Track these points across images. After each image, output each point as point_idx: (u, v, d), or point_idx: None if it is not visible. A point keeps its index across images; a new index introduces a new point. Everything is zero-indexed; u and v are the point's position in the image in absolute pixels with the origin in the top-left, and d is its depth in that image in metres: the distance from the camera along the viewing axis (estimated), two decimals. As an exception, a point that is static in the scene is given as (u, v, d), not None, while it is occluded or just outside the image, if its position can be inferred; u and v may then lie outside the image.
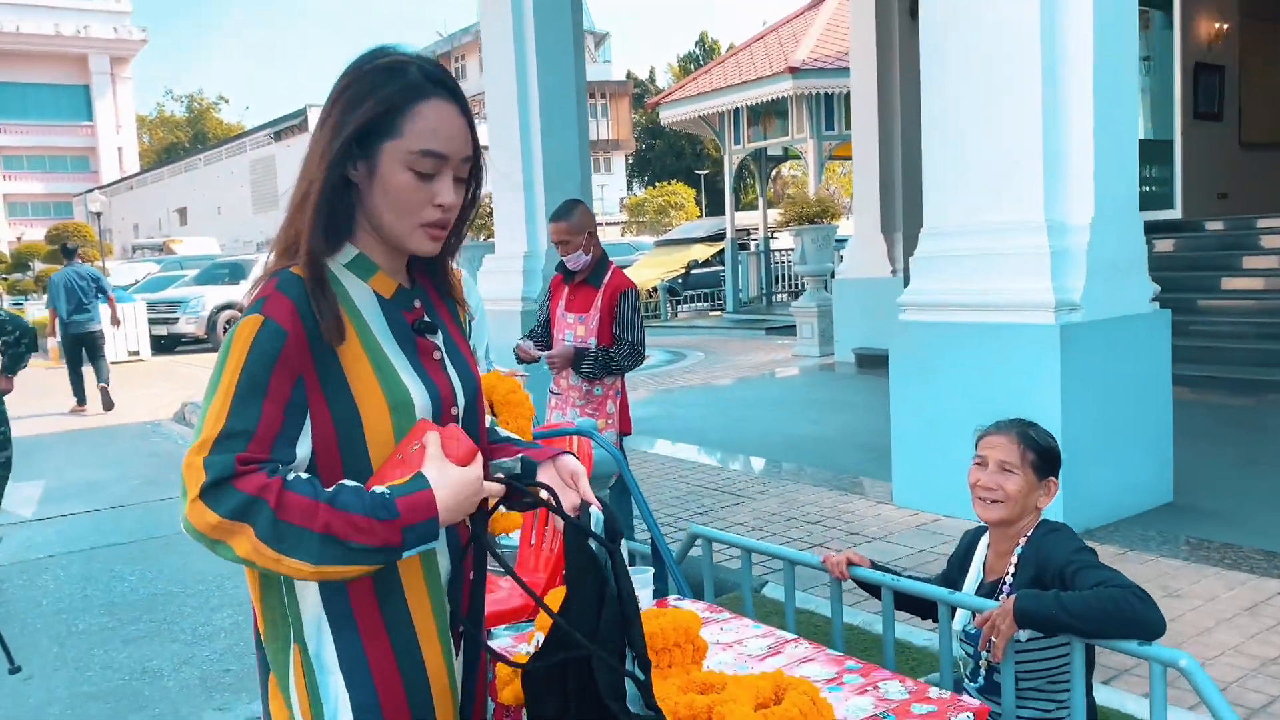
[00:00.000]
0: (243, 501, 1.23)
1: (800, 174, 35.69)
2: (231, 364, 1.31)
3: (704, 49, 56.71)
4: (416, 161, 1.37)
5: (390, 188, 1.38)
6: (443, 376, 1.49)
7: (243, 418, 1.28)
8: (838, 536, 5.06)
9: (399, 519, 1.26)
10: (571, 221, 4.36)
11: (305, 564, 1.24)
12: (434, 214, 1.41)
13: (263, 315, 1.32)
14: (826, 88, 15.25)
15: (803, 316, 12.16)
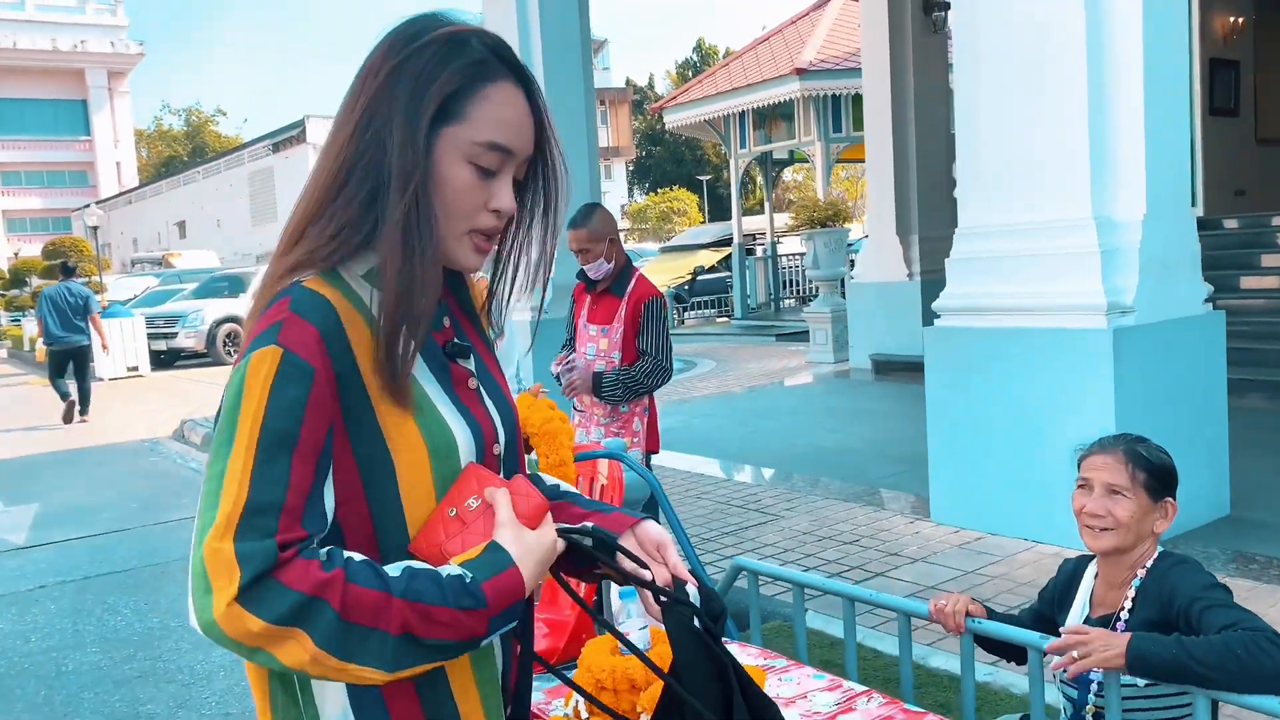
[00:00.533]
0: (297, 603, 0.96)
1: (803, 178, 35.45)
2: (248, 413, 1.02)
3: (701, 55, 56.53)
4: (480, 155, 1.14)
5: (445, 183, 1.13)
6: (481, 410, 1.22)
7: (270, 485, 1.00)
8: (876, 558, 4.75)
9: (487, 609, 1.04)
10: (591, 228, 4.02)
11: (378, 671, 1.00)
12: (487, 220, 1.17)
13: (280, 347, 1.04)
14: (834, 89, 14.97)
15: (816, 322, 11.87)
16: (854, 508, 5.60)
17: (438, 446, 1.12)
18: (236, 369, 1.05)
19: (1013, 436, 4.78)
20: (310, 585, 0.96)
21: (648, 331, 4.04)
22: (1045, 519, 4.66)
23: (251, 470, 0.99)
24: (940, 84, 10.75)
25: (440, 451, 1.13)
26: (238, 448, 1.01)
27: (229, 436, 1.01)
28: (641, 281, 4.12)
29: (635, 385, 4.00)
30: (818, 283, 12.15)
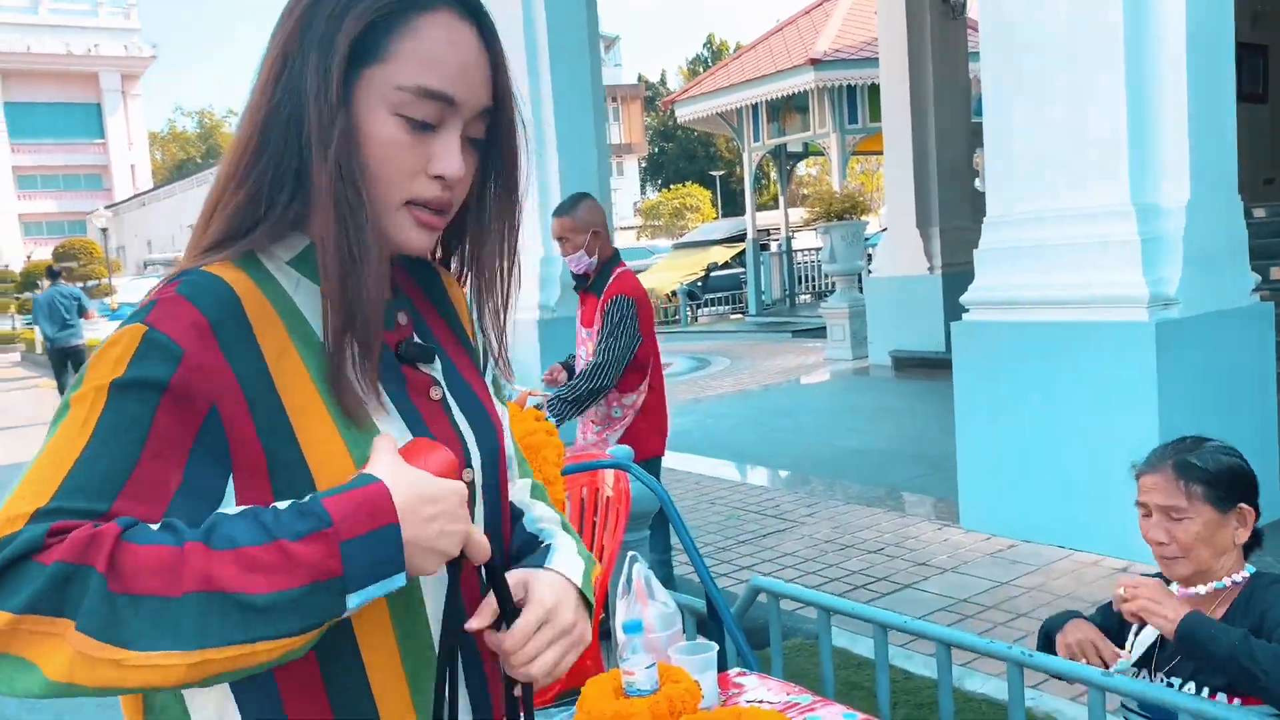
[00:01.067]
0: (51, 579, 0.70)
1: (817, 171, 35.10)
2: (85, 393, 0.81)
3: (712, 50, 56.17)
4: (408, 103, 0.90)
5: (366, 141, 0.90)
6: (445, 426, 1.00)
7: (91, 473, 0.77)
8: (903, 568, 4.48)
9: (331, 528, 0.76)
10: (575, 216, 3.76)
11: (173, 654, 0.71)
12: (428, 188, 0.93)
13: (145, 324, 0.83)
14: (850, 79, 14.66)
15: (833, 318, 11.57)
16: (877, 513, 5.32)
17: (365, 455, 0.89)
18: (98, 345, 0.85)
19: (1048, 437, 4.50)
20: (69, 552, 0.71)
21: (604, 331, 3.73)
22: (1084, 525, 4.38)
23: (75, 458, 0.77)
24: (960, 71, 10.44)
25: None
26: (60, 436, 0.79)
27: (57, 417, 0.81)
28: (618, 279, 3.82)
29: (576, 400, 3.69)
30: (835, 277, 11.85)
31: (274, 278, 0.92)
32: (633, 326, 3.74)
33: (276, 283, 0.92)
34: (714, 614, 2.69)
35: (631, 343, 3.74)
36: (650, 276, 20.62)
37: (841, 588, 4.28)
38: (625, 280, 3.84)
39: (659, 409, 3.99)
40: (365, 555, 0.77)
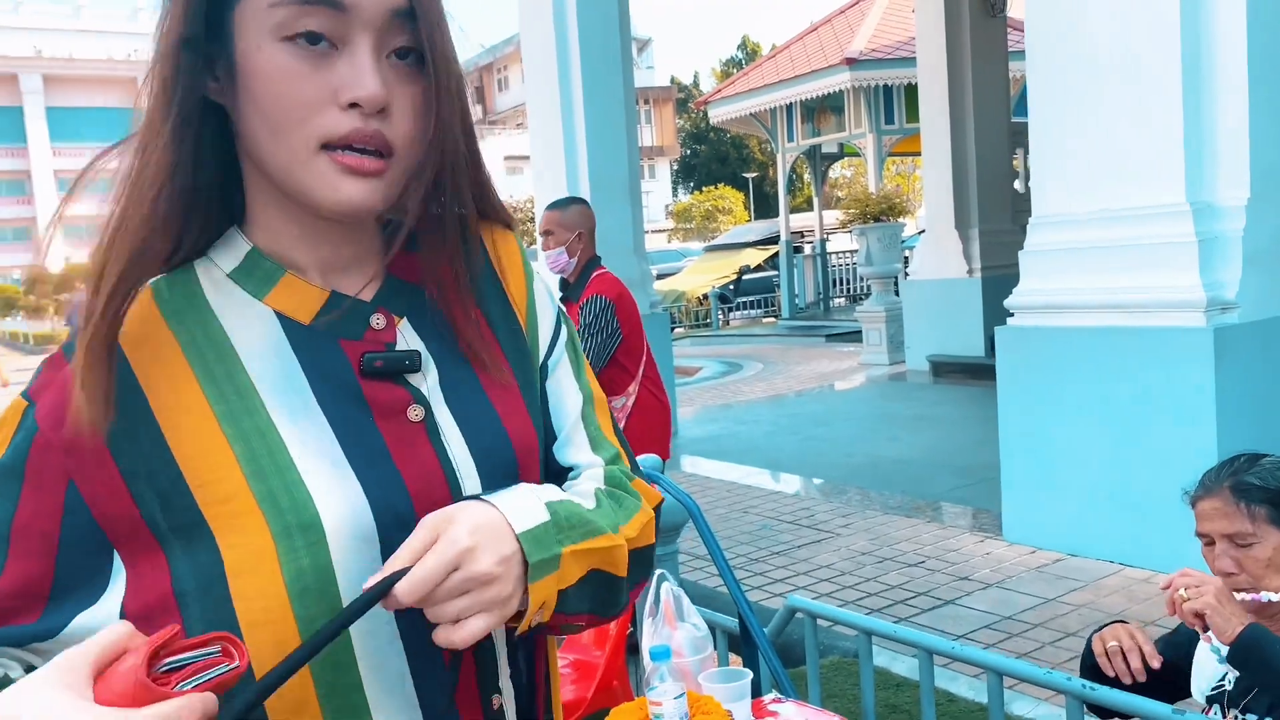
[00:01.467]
0: None
1: (851, 173, 34.78)
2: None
3: (746, 52, 55.92)
4: (289, 19, 0.73)
5: (252, 80, 0.75)
6: (425, 452, 0.81)
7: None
8: (944, 582, 4.30)
9: None
10: (563, 213, 3.79)
11: None
12: (342, 122, 0.75)
13: (26, 400, 0.78)
14: (886, 79, 14.44)
15: (869, 321, 11.36)
16: (917, 524, 5.14)
17: (286, 524, 0.74)
18: None
19: (1098, 447, 4.30)
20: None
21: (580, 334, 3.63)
22: (1135, 539, 4.18)
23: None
24: (1000, 71, 10.20)
25: (291, 531, 0.74)
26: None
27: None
28: (595, 281, 3.73)
29: None
30: (871, 280, 11.64)
31: (203, 294, 0.81)
32: (609, 325, 3.66)
33: (203, 300, 0.80)
34: (747, 636, 2.54)
35: (608, 341, 3.65)
36: (681, 279, 20.48)
37: (880, 603, 4.12)
38: (602, 281, 3.80)
39: (656, 411, 3.84)
40: None
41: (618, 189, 7.75)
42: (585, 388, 0.97)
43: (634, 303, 3.84)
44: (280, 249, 0.83)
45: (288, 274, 0.82)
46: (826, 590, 4.29)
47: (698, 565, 4.56)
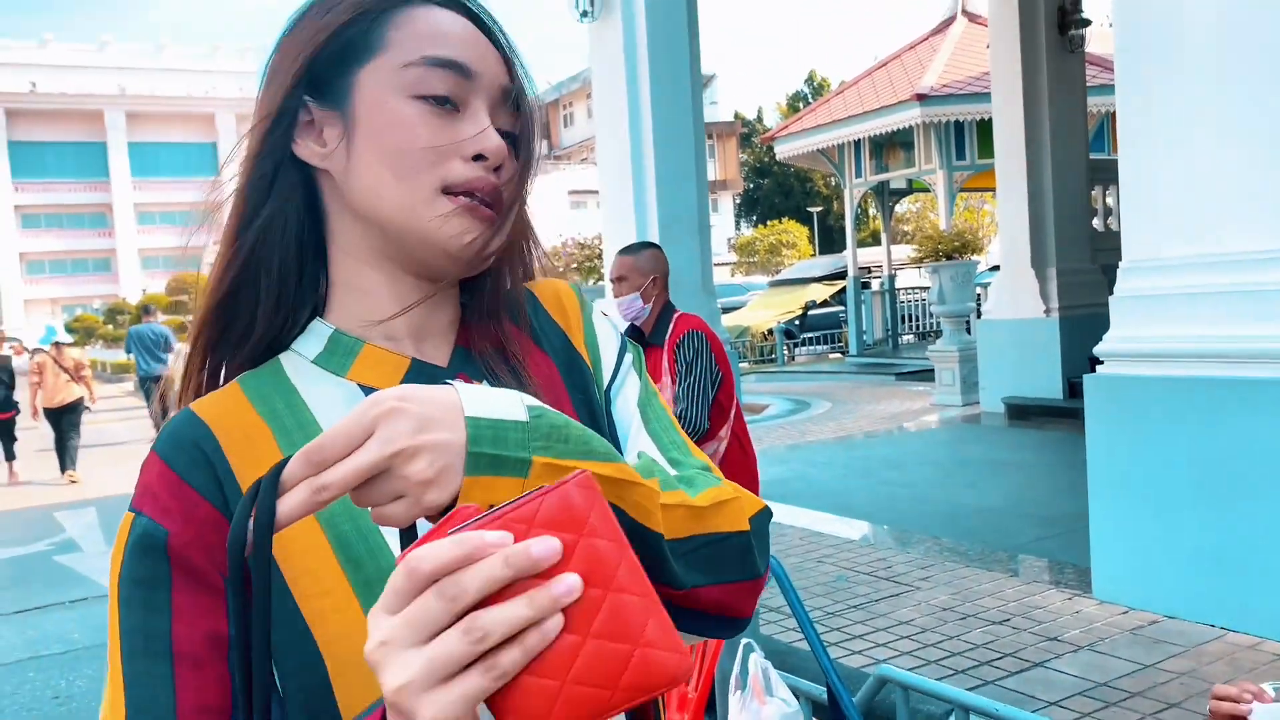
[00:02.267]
0: None
1: (920, 207, 34.41)
2: (111, 610, 0.74)
3: (813, 87, 55.90)
4: (423, 79, 0.78)
5: (383, 129, 0.78)
6: None
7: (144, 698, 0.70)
8: (1032, 642, 4.10)
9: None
10: (637, 258, 3.69)
11: None
12: (465, 169, 0.79)
13: (133, 511, 0.75)
14: (957, 115, 14.24)
15: (942, 361, 11.12)
16: (1000, 579, 4.93)
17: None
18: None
19: (1198, 502, 4.08)
20: None
21: (680, 374, 3.53)
22: (1240, 602, 3.95)
23: (124, 697, 0.70)
24: (1078, 105, 9.98)
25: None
26: (111, 662, 0.72)
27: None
28: (681, 321, 3.65)
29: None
30: (943, 319, 11.42)
31: (285, 379, 0.82)
32: (709, 361, 3.55)
33: (288, 389, 0.81)
34: (836, 707, 2.41)
35: (713, 378, 3.54)
36: (746, 314, 20.37)
37: (964, 663, 3.93)
38: (690, 320, 3.69)
39: (744, 461, 3.71)
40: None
41: (687, 225, 7.70)
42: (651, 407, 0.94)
43: (720, 343, 3.77)
44: (368, 316, 0.83)
45: (367, 345, 0.83)
46: (908, 649, 4.11)
47: (773, 619, 4.42)
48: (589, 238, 9.04)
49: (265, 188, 0.82)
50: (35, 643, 5.43)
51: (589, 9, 7.67)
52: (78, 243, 56.93)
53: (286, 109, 0.80)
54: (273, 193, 0.82)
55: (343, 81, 0.80)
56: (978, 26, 14.44)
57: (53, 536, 8.27)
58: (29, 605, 6.21)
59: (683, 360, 3.53)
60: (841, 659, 4.03)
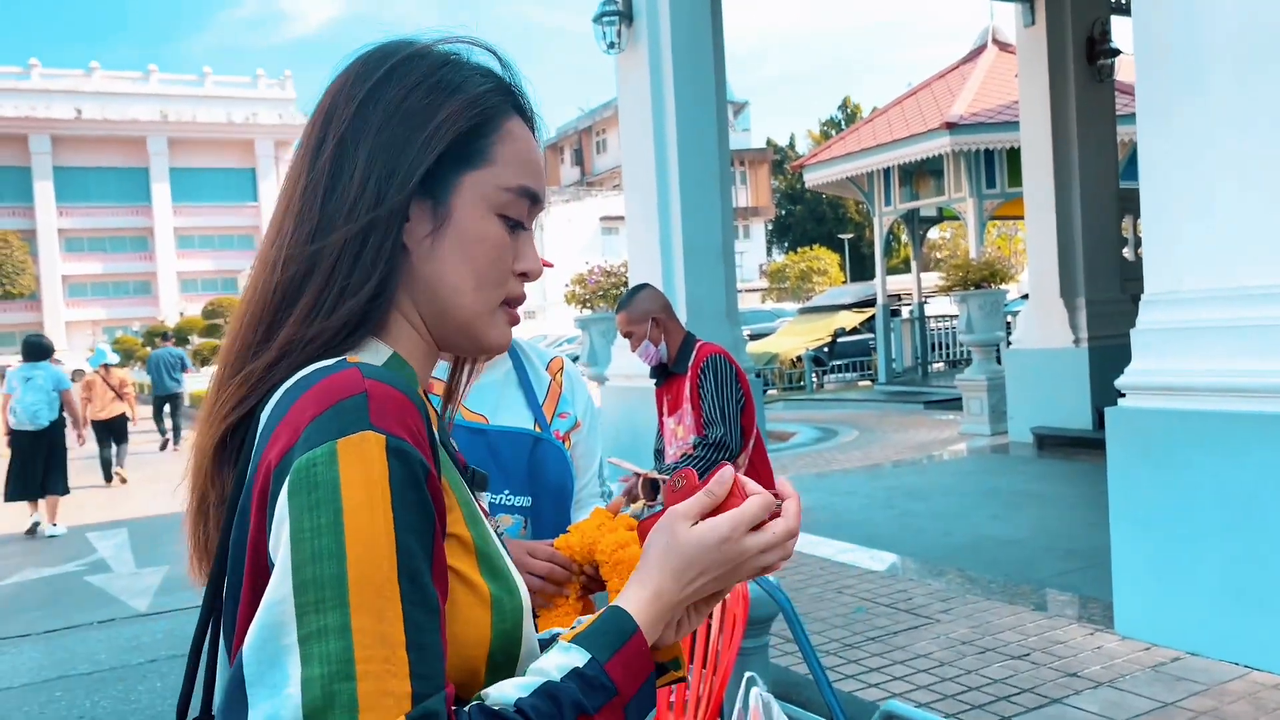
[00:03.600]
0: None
1: (950, 235, 34.24)
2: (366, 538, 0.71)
3: (846, 113, 55.95)
4: (509, 203, 0.90)
5: (473, 242, 0.89)
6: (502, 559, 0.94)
7: (428, 655, 0.72)
8: (1051, 678, 4.05)
9: (619, 696, 0.78)
10: (629, 310, 3.67)
11: None
12: (518, 286, 0.94)
13: (382, 432, 0.74)
14: (987, 143, 14.21)
15: (970, 390, 11.05)
16: (1021, 612, 4.89)
17: (506, 606, 0.85)
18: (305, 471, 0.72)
19: (1221, 537, 4.03)
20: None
21: (707, 395, 3.54)
22: (1264, 639, 3.89)
23: (405, 637, 0.70)
24: (1108, 134, 9.94)
25: (506, 612, 0.85)
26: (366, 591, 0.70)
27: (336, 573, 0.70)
28: (703, 349, 3.67)
29: (698, 469, 3.48)
30: (971, 348, 11.35)
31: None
32: (734, 383, 3.58)
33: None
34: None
35: (738, 400, 3.56)
36: (775, 340, 20.33)
37: (981, 698, 3.90)
38: (709, 347, 3.71)
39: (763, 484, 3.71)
40: (639, 708, 0.81)
41: (710, 253, 7.74)
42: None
43: (742, 370, 3.79)
44: (411, 363, 0.92)
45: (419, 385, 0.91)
46: (925, 682, 4.08)
47: (787, 649, 4.40)
48: (616, 265, 9.06)
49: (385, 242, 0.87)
50: (63, 663, 5.51)
51: (616, 41, 7.77)
52: (119, 266, 57.94)
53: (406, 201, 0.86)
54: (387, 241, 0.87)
55: (449, 179, 0.88)
56: (1008, 55, 14.42)
57: (84, 557, 8.40)
58: (58, 625, 6.31)
59: (707, 384, 3.56)
60: (856, 692, 4.01)
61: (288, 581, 0.70)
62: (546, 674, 0.78)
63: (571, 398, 1.91)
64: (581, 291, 8.90)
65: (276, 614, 0.70)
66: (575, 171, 54.01)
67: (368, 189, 0.85)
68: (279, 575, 0.71)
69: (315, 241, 0.85)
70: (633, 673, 0.79)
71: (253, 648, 0.70)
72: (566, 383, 1.92)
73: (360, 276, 0.84)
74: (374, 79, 0.88)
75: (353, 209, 0.85)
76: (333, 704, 0.66)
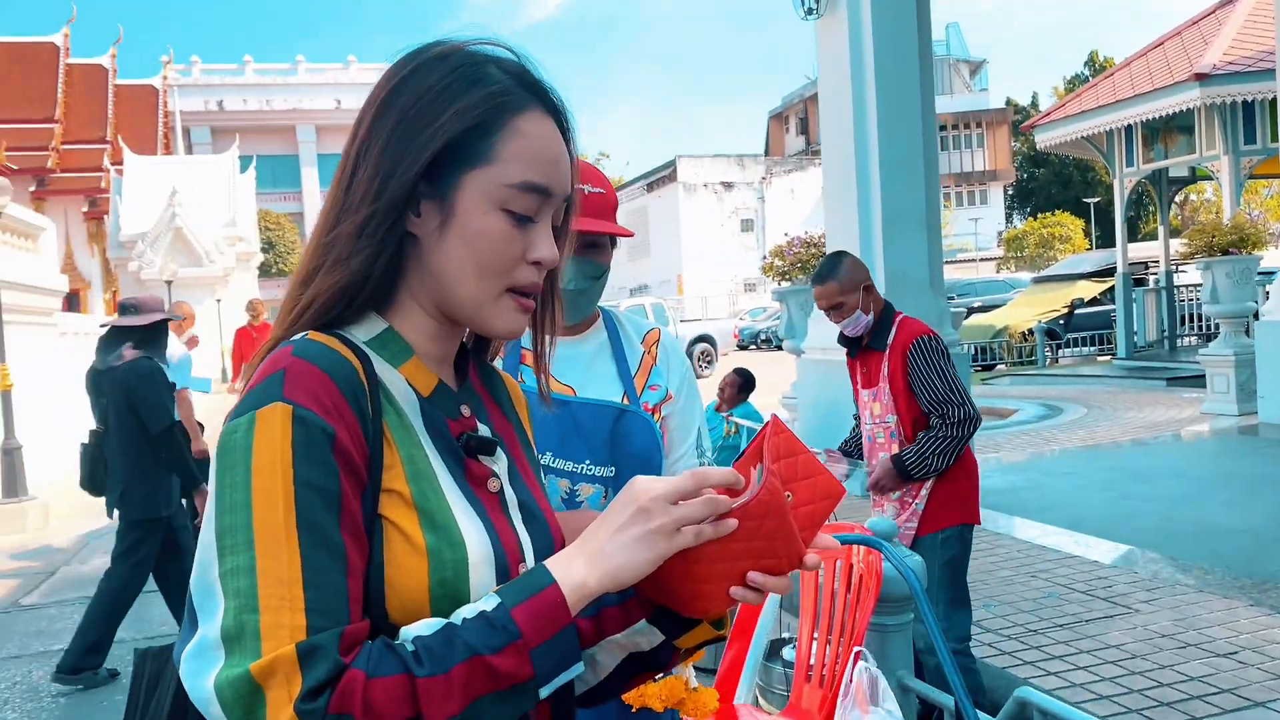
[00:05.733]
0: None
1: (1213, 197, 31.26)
2: (271, 489, 0.83)
3: (1093, 69, 52.06)
4: (514, 199, 0.96)
5: (474, 235, 0.96)
6: (501, 518, 1.01)
7: (325, 593, 0.82)
8: (1258, 679, 3.71)
9: (521, 639, 0.84)
10: (840, 279, 3.44)
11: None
12: (528, 274, 1.00)
13: (288, 402, 0.86)
14: (1245, 94, 12.85)
15: (1214, 366, 10.12)
16: (1237, 607, 4.48)
17: (441, 555, 0.91)
18: (227, 436, 0.86)
19: None
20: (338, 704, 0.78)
21: (925, 379, 3.36)
22: None
23: (301, 574, 0.81)
24: (1386, 78, 8.77)
25: (444, 561, 0.91)
26: (267, 536, 0.82)
27: (244, 521, 0.82)
28: (904, 326, 3.47)
29: (946, 449, 3.33)
30: (1218, 320, 10.38)
31: (365, 353, 0.96)
32: (947, 354, 3.41)
33: (368, 357, 0.96)
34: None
35: (956, 375, 3.39)
36: (1004, 313, 19.32)
37: (1172, 695, 3.62)
38: (913, 324, 3.51)
39: (963, 465, 3.53)
40: (551, 656, 0.84)
41: (912, 220, 7.48)
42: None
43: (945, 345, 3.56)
44: (414, 338, 1.01)
45: (415, 355, 1.01)
46: (1111, 674, 3.84)
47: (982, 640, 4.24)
48: (817, 234, 8.92)
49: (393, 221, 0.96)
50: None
51: (814, 6, 7.62)
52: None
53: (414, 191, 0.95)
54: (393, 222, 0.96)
55: (452, 177, 0.95)
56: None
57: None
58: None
59: (925, 367, 3.38)
60: (1034, 679, 3.82)
61: (212, 527, 0.84)
62: (460, 616, 0.85)
63: (665, 370, 1.94)
64: (781, 264, 8.82)
65: (206, 554, 0.84)
66: (800, 140, 53.26)
67: (373, 185, 0.94)
68: (207, 520, 0.85)
69: (332, 230, 0.97)
70: (543, 621, 0.84)
71: (194, 579, 0.85)
72: (661, 355, 1.95)
73: (358, 261, 0.95)
74: (394, 83, 0.98)
75: (360, 202, 0.95)
76: (243, 631, 0.79)
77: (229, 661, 0.78)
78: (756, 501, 0.88)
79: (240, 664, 0.78)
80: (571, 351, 1.88)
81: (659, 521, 0.86)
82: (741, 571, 0.89)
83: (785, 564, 0.90)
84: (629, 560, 0.86)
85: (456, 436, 1.00)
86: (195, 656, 0.80)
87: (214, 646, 0.79)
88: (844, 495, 1.00)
